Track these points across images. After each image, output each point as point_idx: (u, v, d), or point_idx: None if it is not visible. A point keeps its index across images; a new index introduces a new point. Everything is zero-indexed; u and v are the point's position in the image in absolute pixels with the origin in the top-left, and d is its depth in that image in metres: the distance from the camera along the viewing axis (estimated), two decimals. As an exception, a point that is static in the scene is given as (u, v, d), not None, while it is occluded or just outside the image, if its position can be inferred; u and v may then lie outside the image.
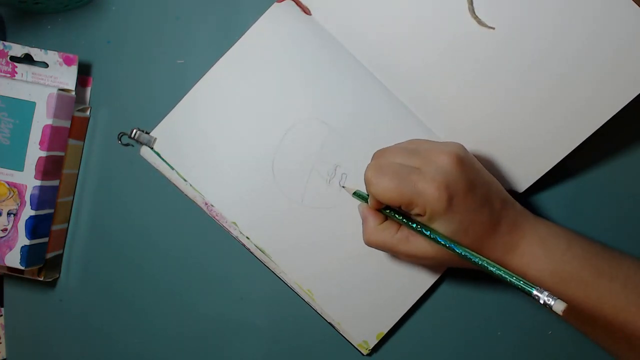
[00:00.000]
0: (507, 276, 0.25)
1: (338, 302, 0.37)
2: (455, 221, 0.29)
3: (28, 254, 0.36)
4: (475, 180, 0.30)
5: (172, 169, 0.37)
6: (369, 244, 0.32)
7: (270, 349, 0.39)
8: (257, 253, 0.37)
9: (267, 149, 0.37)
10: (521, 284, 0.25)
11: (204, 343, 0.40)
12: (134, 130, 0.37)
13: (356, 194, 0.35)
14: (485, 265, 0.26)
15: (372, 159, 0.32)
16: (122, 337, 0.40)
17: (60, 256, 0.40)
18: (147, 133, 0.37)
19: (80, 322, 0.40)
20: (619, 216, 0.38)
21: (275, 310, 0.39)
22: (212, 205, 0.37)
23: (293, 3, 0.36)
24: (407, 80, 0.35)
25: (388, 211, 0.31)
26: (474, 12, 0.32)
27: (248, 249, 0.37)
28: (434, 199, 0.28)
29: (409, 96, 0.36)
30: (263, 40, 0.36)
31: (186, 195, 0.37)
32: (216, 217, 0.37)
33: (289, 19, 0.36)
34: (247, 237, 0.37)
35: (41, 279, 0.38)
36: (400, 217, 0.30)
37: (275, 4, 0.36)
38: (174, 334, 0.40)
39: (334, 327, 0.37)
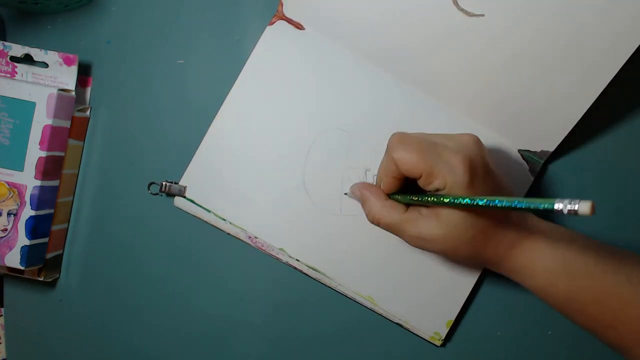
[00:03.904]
0: (528, 204, 0.24)
1: (400, 300, 0.37)
2: None
3: (28, 254, 0.36)
4: (491, 165, 0.30)
5: (209, 212, 0.37)
6: (377, 221, 0.31)
7: (270, 349, 0.39)
8: (311, 272, 0.37)
9: (294, 170, 0.37)
10: (541, 206, 0.23)
11: (203, 343, 0.40)
12: (164, 183, 0.37)
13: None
14: (511, 204, 0.25)
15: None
16: (122, 337, 0.40)
17: (60, 256, 0.40)
18: (176, 183, 0.37)
19: (80, 322, 0.40)
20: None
21: (274, 310, 0.39)
22: (256, 237, 0.37)
23: (285, 22, 0.36)
24: (412, 67, 0.35)
25: (398, 196, 0.31)
26: (458, 5, 0.32)
27: (300, 271, 0.37)
28: (459, 171, 0.28)
29: (418, 80, 0.36)
30: (265, 65, 0.37)
31: (228, 233, 0.37)
32: (262, 248, 0.37)
33: (285, 38, 0.36)
34: (297, 260, 0.37)
35: (41, 279, 0.38)
36: (415, 198, 0.30)
37: (268, 27, 0.36)
38: (174, 335, 0.40)
39: (402, 326, 0.37)
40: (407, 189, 0.32)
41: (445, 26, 0.33)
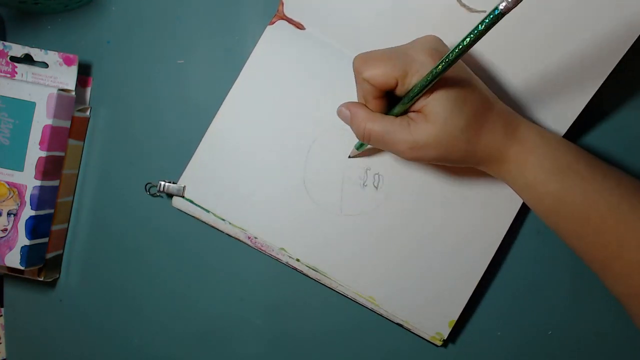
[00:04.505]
0: (482, 22, 0.23)
1: (401, 300, 0.37)
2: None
3: (28, 254, 0.36)
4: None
5: (208, 212, 0.37)
6: (368, 133, 0.30)
7: (270, 349, 0.39)
8: (311, 273, 0.37)
9: (295, 170, 0.37)
10: (489, 18, 0.22)
11: (203, 343, 0.40)
12: (162, 184, 0.37)
13: (356, 146, 0.35)
14: (474, 31, 0.24)
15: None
16: (122, 337, 0.40)
17: (60, 256, 0.40)
18: (174, 183, 0.37)
19: (80, 322, 0.40)
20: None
21: (275, 310, 0.39)
22: (255, 238, 0.37)
23: (285, 22, 0.36)
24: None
25: (394, 110, 0.30)
26: (460, 1, 0.32)
27: (300, 271, 0.37)
28: (429, 62, 0.28)
29: None
30: (266, 64, 0.37)
31: (228, 233, 0.37)
32: (262, 248, 0.37)
33: (285, 38, 0.36)
34: (297, 260, 0.37)
35: (41, 279, 0.38)
36: (405, 100, 0.29)
37: (268, 26, 0.36)
38: (174, 335, 0.40)
39: (403, 326, 0.37)
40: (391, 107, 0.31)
41: (447, 25, 0.33)
